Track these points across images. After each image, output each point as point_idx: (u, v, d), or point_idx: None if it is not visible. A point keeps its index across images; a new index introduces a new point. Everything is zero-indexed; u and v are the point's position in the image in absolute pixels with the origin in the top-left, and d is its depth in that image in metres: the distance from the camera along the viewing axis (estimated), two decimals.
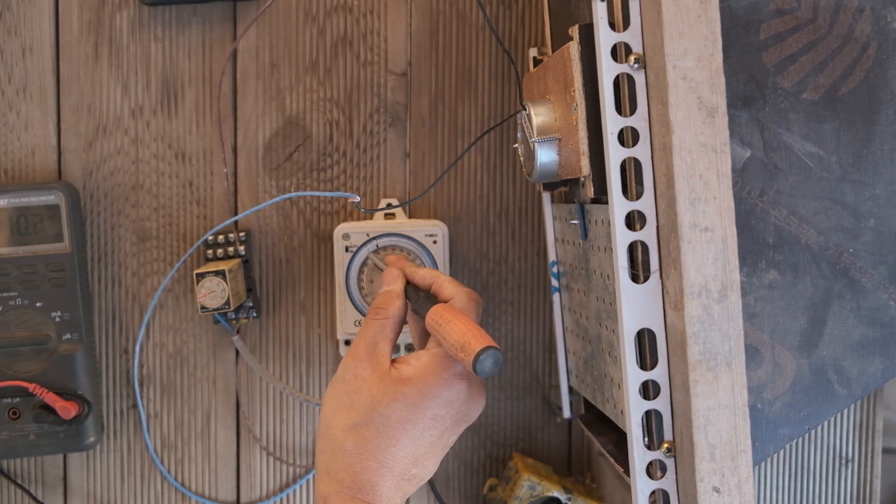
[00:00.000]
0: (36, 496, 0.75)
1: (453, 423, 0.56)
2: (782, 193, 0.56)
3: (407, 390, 0.54)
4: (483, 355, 0.51)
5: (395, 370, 0.56)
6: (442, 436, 0.55)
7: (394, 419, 0.54)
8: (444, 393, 0.54)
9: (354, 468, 0.54)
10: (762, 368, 0.56)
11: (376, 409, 0.54)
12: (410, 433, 0.54)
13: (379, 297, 0.60)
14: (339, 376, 0.57)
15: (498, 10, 0.74)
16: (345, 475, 0.54)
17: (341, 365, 0.57)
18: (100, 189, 0.73)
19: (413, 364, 0.55)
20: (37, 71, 0.73)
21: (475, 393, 0.56)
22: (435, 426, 0.55)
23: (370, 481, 0.53)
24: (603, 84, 0.49)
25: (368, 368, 0.56)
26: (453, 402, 0.55)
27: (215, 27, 0.73)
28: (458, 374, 0.55)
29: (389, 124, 0.74)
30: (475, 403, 0.57)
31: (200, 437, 0.76)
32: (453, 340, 0.53)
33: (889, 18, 0.56)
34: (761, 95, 0.55)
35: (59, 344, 0.70)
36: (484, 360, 0.51)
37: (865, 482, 0.77)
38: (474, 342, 0.52)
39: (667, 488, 0.50)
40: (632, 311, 0.49)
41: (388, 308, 0.59)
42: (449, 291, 0.58)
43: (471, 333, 0.52)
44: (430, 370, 0.55)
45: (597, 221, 0.57)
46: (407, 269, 0.62)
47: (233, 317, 0.73)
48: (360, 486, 0.53)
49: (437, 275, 0.60)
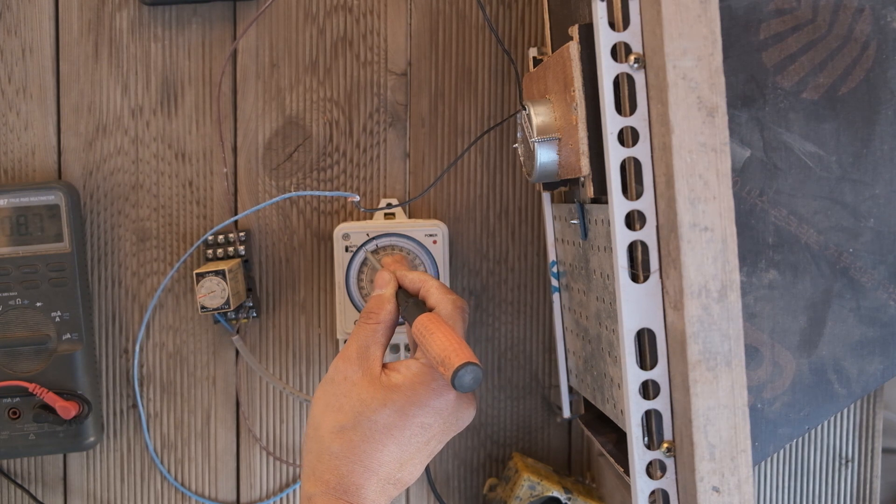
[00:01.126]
0: (36, 496, 0.75)
1: (440, 431, 0.56)
2: (782, 193, 0.56)
3: (396, 397, 0.55)
4: (461, 371, 0.51)
5: (385, 376, 0.56)
6: (429, 443, 0.56)
7: (381, 424, 0.54)
8: (432, 402, 0.55)
9: (340, 470, 0.54)
10: (762, 368, 0.56)
11: (364, 414, 0.54)
12: (397, 439, 0.54)
13: (371, 300, 0.60)
14: (328, 378, 0.57)
15: (498, 10, 0.74)
16: (330, 476, 0.54)
17: (332, 366, 0.58)
18: (100, 189, 0.73)
19: (403, 372, 0.56)
20: (37, 71, 0.73)
21: (464, 402, 0.57)
22: (422, 433, 0.55)
23: (355, 484, 0.54)
24: (603, 84, 0.49)
25: (359, 372, 0.56)
26: (442, 411, 0.55)
27: (215, 27, 0.73)
28: (446, 384, 0.55)
29: (389, 124, 0.74)
30: (465, 412, 0.57)
31: (200, 437, 0.76)
32: (434, 354, 0.53)
33: (889, 18, 0.56)
34: (761, 95, 0.55)
35: (59, 344, 0.70)
36: (462, 375, 0.51)
37: (865, 482, 0.77)
38: (454, 357, 0.52)
39: (667, 488, 0.50)
40: (632, 310, 0.49)
41: (379, 313, 0.59)
42: (434, 299, 0.58)
43: (451, 348, 0.52)
44: (418, 379, 0.55)
45: (597, 221, 0.57)
46: (399, 273, 0.62)
47: (233, 317, 0.73)
48: (346, 489, 0.54)
49: (425, 280, 0.60)
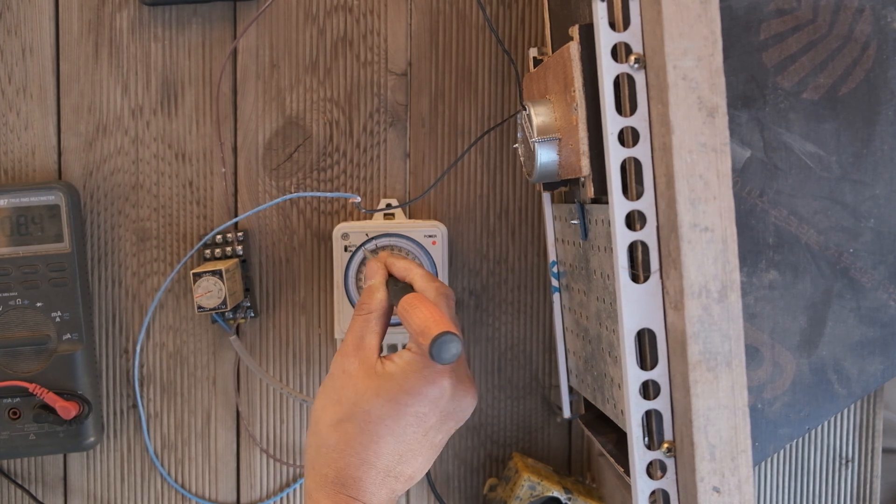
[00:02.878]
0: (36, 496, 0.75)
1: (438, 421, 0.55)
2: (782, 193, 0.56)
3: (388, 385, 0.54)
4: (439, 339, 0.49)
5: (380, 365, 0.56)
6: (427, 434, 0.55)
7: (375, 415, 0.54)
8: (425, 390, 0.54)
9: (338, 463, 0.54)
10: (762, 368, 0.56)
11: (359, 405, 0.54)
12: (392, 429, 0.54)
13: (363, 292, 0.60)
14: (329, 374, 0.58)
15: (498, 10, 0.74)
16: (328, 470, 0.54)
17: (332, 362, 0.58)
18: (100, 189, 0.73)
19: (396, 361, 0.55)
20: (37, 71, 0.73)
21: (462, 390, 0.56)
22: (418, 423, 0.55)
23: (353, 477, 0.54)
24: (603, 84, 0.49)
25: (356, 363, 0.56)
26: (437, 400, 0.55)
27: (215, 27, 0.73)
28: (440, 371, 0.55)
29: (389, 124, 0.74)
30: (463, 401, 0.56)
31: (200, 438, 0.76)
32: (415, 325, 0.52)
33: (889, 18, 0.56)
34: (761, 95, 0.55)
35: (59, 344, 0.70)
36: (440, 344, 0.49)
37: (865, 482, 0.77)
38: (433, 327, 0.51)
39: (667, 488, 0.50)
40: (632, 311, 0.49)
41: (370, 302, 0.59)
42: (419, 286, 0.58)
43: (433, 319, 0.51)
44: (410, 367, 0.55)
45: (597, 221, 0.57)
46: (388, 260, 0.62)
47: (230, 317, 0.73)
48: (344, 482, 0.53)
49: (410, 268, 0.60)
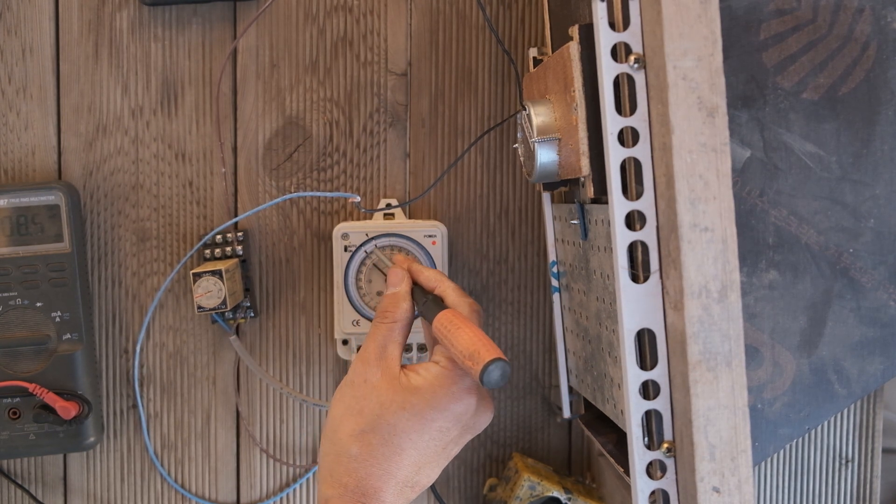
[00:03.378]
0: (36, 496, 0.75)
1: (458, 435, 0.56)
2: (782, 193, 0.56)
3: (415, 400, 0.54)
4: (492, 366, 0.50)
5: (404, 377, 0.56)
6: (446, 447, 0.56)
7: (400, 428, 0.54)
8: (452, 406, 0.55)
9: (359, 473, 0.54)
10: (762, 368, 0.56)
11: (383, 417, 0.54)
12: (416, 443, 0.54)
13: (385, 299, 0.60)
14: (348, 380, 0.57)
15: (498, 10, 0.74)
16: (349, 479, 0.54)
17: (351, 369, 0.57)
18: (100, 189, 0.73)
19: (423, 374, 0.55)
20: (37, 71, 0.73)
21: (483, 406, 0.56)
22: (441, 437, 0.55)
23: (374, 487, 0.54)
24: (603, 84, 0.49)
25: (378, 373, 0.56)
26: (461, 416, 0.55)
27: (215, 27, 0.73)
28: (467, 388, 0.55)
29: (389, 124, 0.74)
30: (482, 416, 0.57)
31: (200, 438, 0.76)
32: (462, 348, 0.53)
33: (889, 18, 0.56)
34: (761, 95, 0.55)
35: (59, 344, 0.70)
36: (492, 370, 0.50)
37: (865, 482, 0.77)
38: (484, 352, 0.51)
39: (667, 488, 0.50)
40: (632, 311, 0.49)
41: (395, 311, 0.58)
42: (451, 300, 0.58)
43: (480, 343, 0.52)
44: (438, 383, 0.55)
45: (597, 221, 0.57)
46: (413, 268, 0.61)
47: (230, 317, 0.73)
48: (364, 492, 0.54)
49: (441, 279, 0.60)
